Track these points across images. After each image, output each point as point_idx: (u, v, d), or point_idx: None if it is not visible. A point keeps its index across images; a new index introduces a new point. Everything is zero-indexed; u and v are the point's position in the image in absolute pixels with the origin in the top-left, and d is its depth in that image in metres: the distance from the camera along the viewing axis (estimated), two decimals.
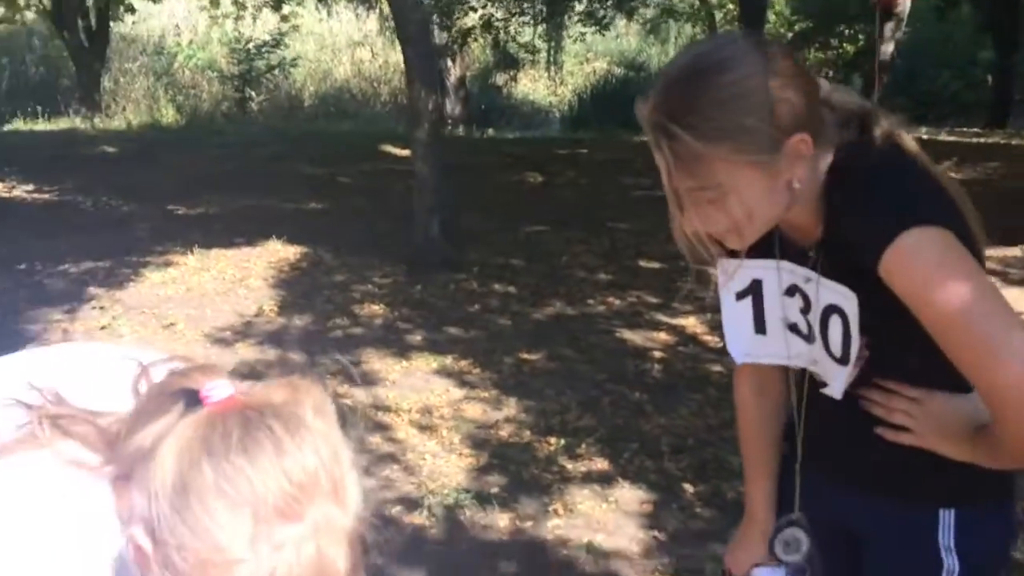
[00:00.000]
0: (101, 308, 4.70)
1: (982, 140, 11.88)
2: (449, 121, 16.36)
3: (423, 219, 5.57)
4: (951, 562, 1.22)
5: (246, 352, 4.16)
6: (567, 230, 6.56)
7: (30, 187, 8.11)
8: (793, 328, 1.26)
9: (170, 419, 0.75)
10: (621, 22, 18.65)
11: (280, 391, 0.78)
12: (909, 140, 1.16)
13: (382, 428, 3.38)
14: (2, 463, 0.80)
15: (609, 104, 19.10)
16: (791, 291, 1.24)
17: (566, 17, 15.65)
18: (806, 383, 1.31)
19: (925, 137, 12.51)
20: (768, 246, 1.23)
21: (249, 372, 3.86)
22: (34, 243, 6.01)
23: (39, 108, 14.99)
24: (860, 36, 16.73)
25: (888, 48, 13.15)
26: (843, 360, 1.19)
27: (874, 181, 1.11)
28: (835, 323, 1.18)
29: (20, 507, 0.79)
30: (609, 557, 2.60)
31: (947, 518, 1.22)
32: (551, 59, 20.69)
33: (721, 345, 4.03)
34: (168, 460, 0.72)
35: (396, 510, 2.83)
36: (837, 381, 1.22)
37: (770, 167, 1.07)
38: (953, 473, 1.19)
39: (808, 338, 1.24)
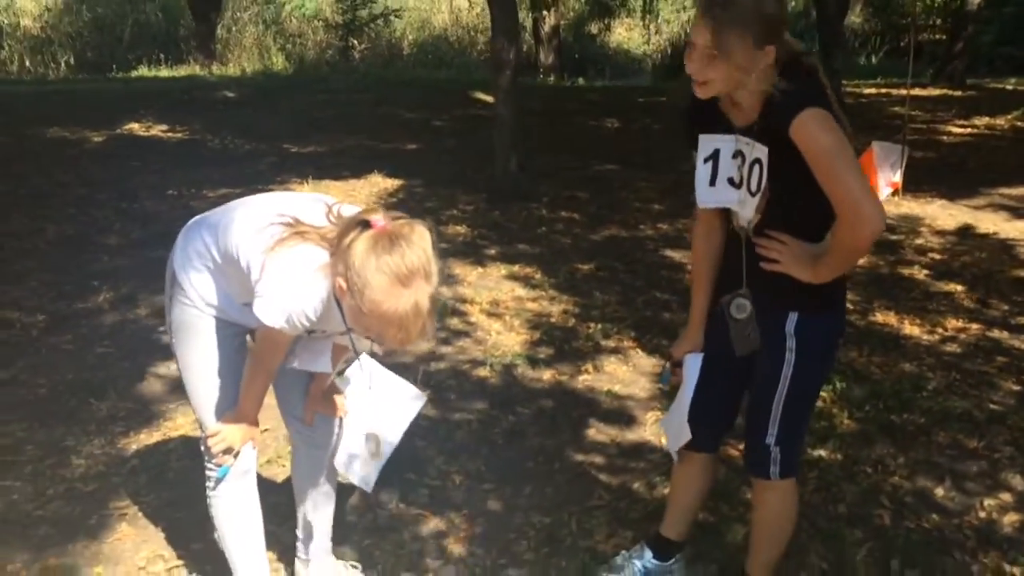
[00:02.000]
0: None
1: None
2: (542, 70, 16.98)
3: (502, 156, 6.42)
4: (791, 342, 2.02)
5: None
6: (632, 169, 7.31)
7: (164, 127, 9.23)
8: (731, 181, 2.00)
9: (355, 233, 1.73)
10: None
11: (408, 226, 1.72)
12: (819, 71, 1.93)
13: (459, 314, 4.29)
14: (294, 243, 1.81)
15: None
16: (736, 155, 1.97)
17: None
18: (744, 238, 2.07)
19: (1009, 87, 12.60)
20: (721, 125, 2.00)
21: None
22: (176, 173, 7.11)
23: (161, 56, 16.29)
24: None
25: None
26: (755, 192, 1.96)
27: (794, 86, 1.87)
28: (755, 170, 1.95)
29: (305, 259, 1.80)
30: (622, 399, 3.46)
31: (792, 316, 2.02)
32: (646, 7, 20.82)
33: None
34: (358, 250, 1.69)
35: (466, 367, 3.74)
36: (748, 208, 1.99)
37: (750, 56, 1.85)
38: (798, 290, 1.98)
39: (738, 185, 2.00)
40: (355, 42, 18.00)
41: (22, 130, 8.66)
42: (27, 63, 18.19)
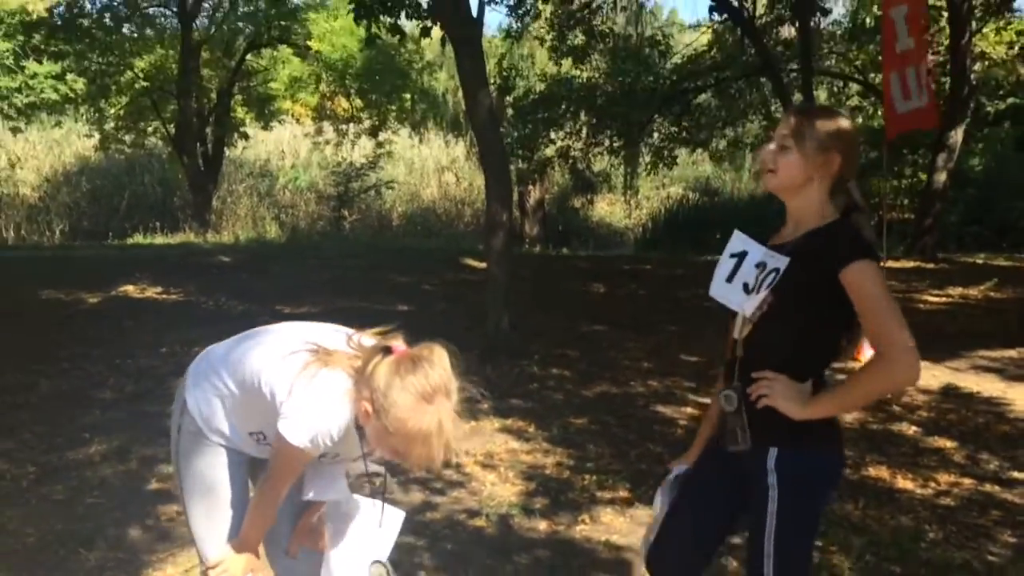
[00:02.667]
0: None
1: None
2: (527, 240, 17.56)
3: (495, 314, 6.57)
4: (772, 478, 2.04)
5: None
6: (620, 329, 7.48)
7: (159, 289, 9.41)
8: (745, 286, 2.10)
9: (379, 358, 1.84)
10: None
11: (427, 348, 1.85)
12: (864, 221, 2.12)
13: (454, 466, 4.28)
14: (322, 367, 1.89)
15: (682, 227, 20.06)
16: (759, 264, 2.09)
17: (640, 147, 16.72)
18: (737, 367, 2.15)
19: (980, 261, 13.11)
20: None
21: None
22: (170, 332, 7.20)
23: (157, 224, 16.77)
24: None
25: (941, 178, 13.89)
26: (757, 292, 2.06)
27: (847, 229, 2.05)
28: (769, 277, 2.06)
29: (332, 382, 1.88)
30: (620, 549, 3.42)
31: (772, 451, 2.05)
32: (627, 184, 21.80)
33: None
34: (382, 372, 1.79)
35: (461, 517, 3.70)
36: (748, 306, 2.08)
37: (819, 153, 2.06)
38: (778, 425, 2.04)
39: (750, 291, 2.08)
40: (347, 212, 18.62)
41: (16, 292, 8.81)
42: (23, 231, 18.65)
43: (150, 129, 18.37)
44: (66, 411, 5.04)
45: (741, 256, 2.13)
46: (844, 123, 2.12)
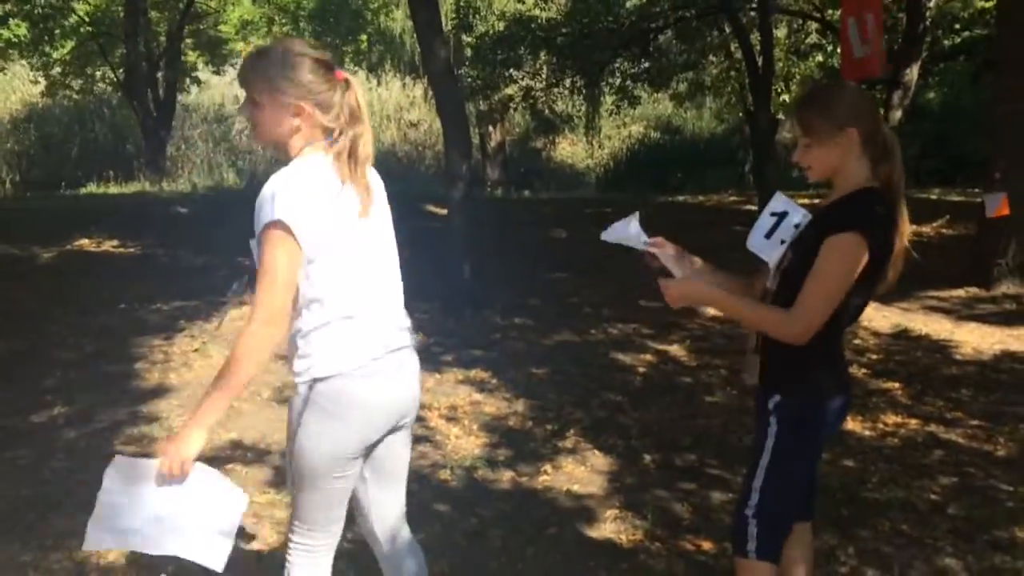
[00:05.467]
0: (192, 336, 5.76)
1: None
2: (488, 184, 17.49)
3: (456, 265, 6.61)
4: (772, 418, 2.21)
5: None
6: (581, 277, 7.55)
7: (115, 242, 9.27)
8: (781, 243, 2.24)
9: None
10: None
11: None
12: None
13: (418, 420, 4.34)
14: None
15: (644, 167, 20.09)
16: (797, 225, 2.23)
17: (602, 87, 16.63)
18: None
19: (933, 197, 13.35)
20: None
21: None
22: (129, 287, 7.14)
23: (111, 172, 16.41)
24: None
25: (896, 115, 14.03)
26: (784, 242, 2.23)
27: (857, 200, 2.16)
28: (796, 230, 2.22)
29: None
30: (581, 498, 3.54)
31: (775, 396, 2.22)
32: (588, 125, 21.71)
33: (695, 363, 4.96)
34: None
35: (427, 471, 3.80)
36: (774, 256, 2.24)
37: (832, 136, 2.16)
38: (780, 369, 2.22)
39: (782, 243, 2.25)
40: None
41: None
42: None
43: (98, 75, 17.87)
44: (27, 372, 5.02)
45: (781, 216, 2.27)
46: (844, 94, 2.22)
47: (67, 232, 9.41)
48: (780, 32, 16.49)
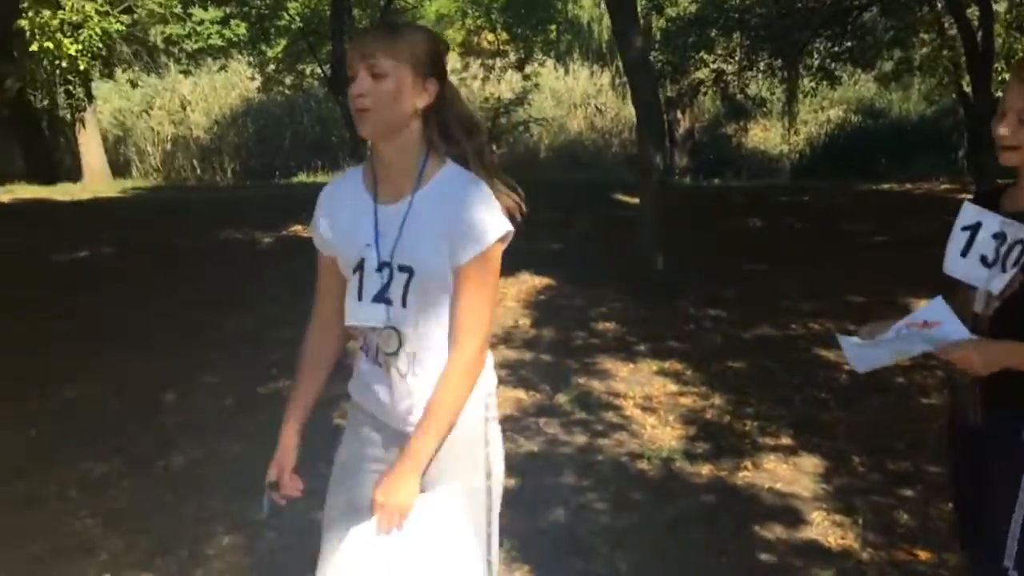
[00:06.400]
0: None
1: None
2: (676, 171, 17.21)
3: (648, 254, 6.58)
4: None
5: (508, 353, 5.32)
6: (779, 267, 7.31)
7: None
8: (983, 259, 1.94)
9: None
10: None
11: None
12: None
13: (614, 408, 4.40)
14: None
15: (845, 152, 19.01)
16: (997, 235, 1.93)
17: (800, 68, 15.92)
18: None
19: None
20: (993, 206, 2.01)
21: (511, 369, 5.01)
22: None
23: (318, 162, 17.50)
24: None
25: None
26: (1008, 269, 1.90)
27: None
28: (1016, 249, 1.90)
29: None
30: (785, 497, 3.45)
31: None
32: (785, 109, 20.76)
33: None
34: None
35: (624, 459, 3.83)
36: (996, 283, 1.91)
37: None
38: None
39: (991, 264, 1.93)
40: (494, 147, 18.76)
41: (197, 233, 9.47)
42: (197, 170, 19.92)
43: (307, 71, 19.08)
44: (254, 349, 5.46)
45: (975, 228, 1.98)
46: None
47: (282, 219, 10.12)
48: (1000, 6, 15.15)
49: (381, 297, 1.78)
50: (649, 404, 4.46)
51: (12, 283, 7.17)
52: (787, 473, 3.67)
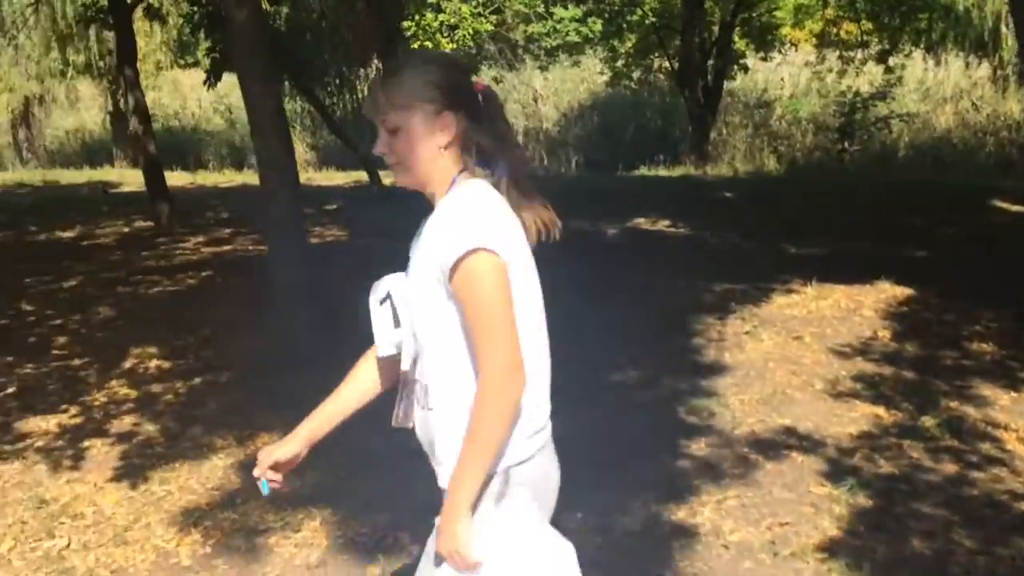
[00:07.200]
0: (743, 319, 5.96)
1: None
2: None
3: None
4: None
5: (864, 366, 5.01)
6: None
7: (667, 222, 9.95)
8: None
9: None
10: None
11: None
12: None
13: (991, 439, 3.98)
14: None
15: None
16: None
17: None
18: None
19: None
20: None
21: (868, 383, 4.72)
22: (681, 265, 7.65)
23: (660, 156, 17.66)
24: None
25: None
26: None
27: None
28: None
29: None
30: None
31: None
32: None
33: None
34: None
35: (1003, 497, 3.45)
36: None
37: None
38: None
39: None
40: (848, 145, 17.72)
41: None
42: (544, 162, 21.01)
43: (655, 66, 19.33)
44: (598, 336, 5.67)
45: None
46: None
47: (625, 211, 10.38)
48: None
49: (397, 323, 1.77)
50: None
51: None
52: None
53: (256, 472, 1.92)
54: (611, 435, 4.19)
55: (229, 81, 12.06)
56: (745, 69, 18.82)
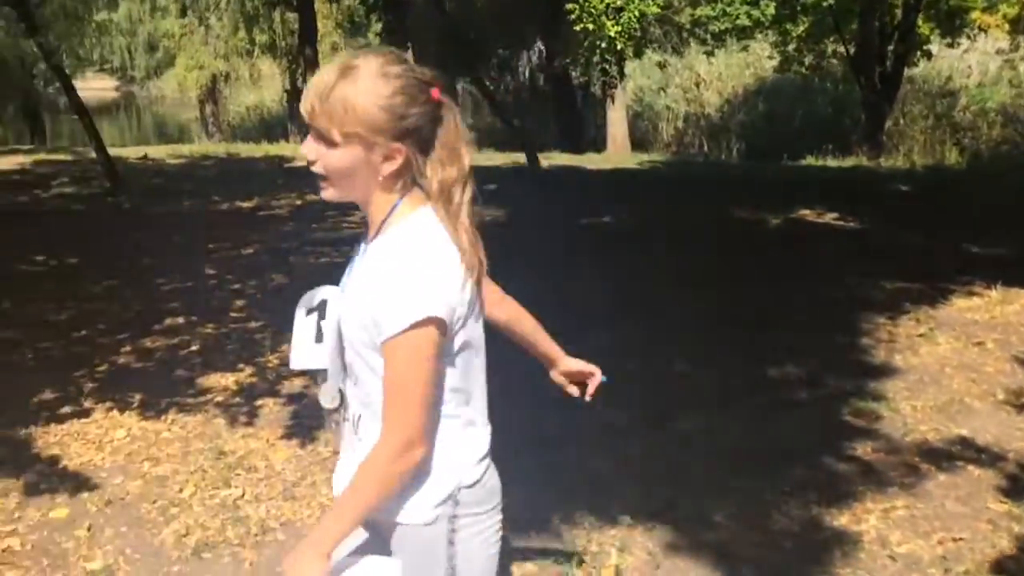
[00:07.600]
0: (917, 320, 5.63)
1: None
2: None
3: None
4: None
5: None
6: None
7: (835, 215, 9.50)
8: None
9: None
10: None
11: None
12: None
13: None
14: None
15: None
16: None
17: None
18: None
19: None
20: None
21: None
22: (849, 260, 7.30)
23: (828, 146, 16.88)
24: None
25: None
26: None
27: None
28: None
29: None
30: None
31: None
32: None
33: None
34: None
35: None
36: None
37: None
38: None
39: None
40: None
41: (705, 210, 9.75)
42: (705, 147, 20.55)
43: (828, 51, 18.45)
44: (759, 335, 5.49)
45: None
46: None
47: (790, 201, 9.99)
48: None
49: (319, 338, 1.66)
50: None
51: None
52: None
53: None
54: (768, 431, 4.07)
55: None
56: (928, 55, 17.67)
